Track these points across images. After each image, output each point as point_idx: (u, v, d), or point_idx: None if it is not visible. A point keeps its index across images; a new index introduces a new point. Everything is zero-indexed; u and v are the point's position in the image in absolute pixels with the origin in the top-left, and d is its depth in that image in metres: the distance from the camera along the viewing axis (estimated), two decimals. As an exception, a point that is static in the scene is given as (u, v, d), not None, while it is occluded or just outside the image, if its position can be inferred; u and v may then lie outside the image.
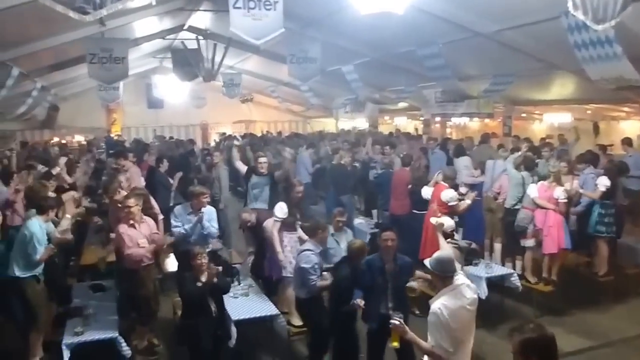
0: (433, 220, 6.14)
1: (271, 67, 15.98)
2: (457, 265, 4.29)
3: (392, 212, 9.34)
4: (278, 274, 6.91)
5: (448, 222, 6.07)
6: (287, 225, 7.00)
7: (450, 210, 7.42)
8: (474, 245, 7.85)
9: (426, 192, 8.09)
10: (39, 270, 5.80)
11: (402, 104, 16.61)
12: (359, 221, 10.13)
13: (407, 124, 20.59)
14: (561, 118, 13.70)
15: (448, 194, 7.52)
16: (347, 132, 19.38)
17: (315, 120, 24.04)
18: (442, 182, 7.81)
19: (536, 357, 2.81)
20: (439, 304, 3.85)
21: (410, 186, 8.95)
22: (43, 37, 9.99)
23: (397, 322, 4.04)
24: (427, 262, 4.10)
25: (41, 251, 5.71)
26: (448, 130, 17.83)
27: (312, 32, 10.98)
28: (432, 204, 7.83)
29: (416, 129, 19.20)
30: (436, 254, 4.16)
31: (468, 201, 7.66)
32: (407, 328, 4.05)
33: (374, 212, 11.29)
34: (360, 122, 20.69)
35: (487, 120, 14.87)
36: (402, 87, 13.23)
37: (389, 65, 12.02)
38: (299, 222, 7.08)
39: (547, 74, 10.25)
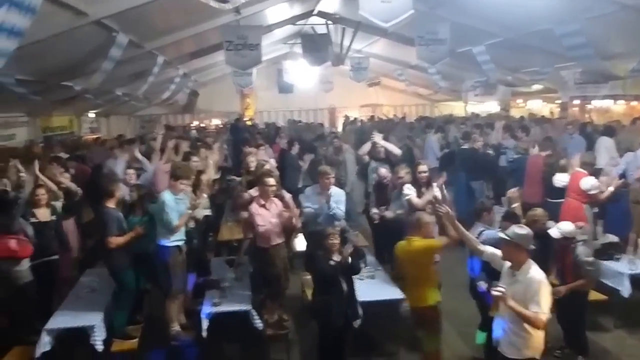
0: None
1: (399, 50, 15.79)
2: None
3: (525, 200, 8.90)
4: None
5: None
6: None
7: (589, 200, 6.93)
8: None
9: (560, 179, 7.61)
10: (181, 239, 6.22)
11: (536, 86, 15.65)
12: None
13: (541, 108, 19.40)
14: None
15: (588, 182, 7.03)
16: (477, 116, 18.71)
17: (443, 103, 23.44)
18: (581, 169, 7.30)
19: None
20: (538, 274, 4.07)
21: (543, 173, 8.48)
22: (184, 27, 10.67)
23: (499, 293, 4.06)
24: (508, 232, 4.20)
25: (176, 218, 6.06)
26: (587, 115, 16.58)
27: (442, 13, 10.68)
28: (570, 192, 7.36)
29: (552, 113, 18.06)
30: (517, 227, 4.27)
31: (611, 188, 7.09)
32: (507, 297, 4.08)
33: (504, 199, 10.83)
34: (491, 106, 19.86)
35: (634, 103, 13.61)
36: (537, 68, 12.48)
37: (523, 45, 11.37)
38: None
39: None
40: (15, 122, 12.44)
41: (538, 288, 4.01)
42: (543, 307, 3.99)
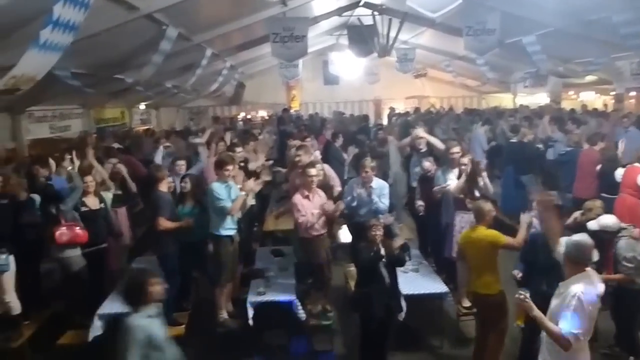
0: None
1: (446, 41, 15.53)
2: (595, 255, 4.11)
3: (576, 195, 8.66)
4: (449, 253, 6.84)
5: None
6: (458, 203, 6.85)
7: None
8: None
9: (620, 174, 7.38)
10: (233, 229, 6.33)
11: (589, 78, 15.12)
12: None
13: (594, 100, 18.77)
14: None
15: (645, 178, 6.78)
16: (526, 108, 18.24)
17: (490, 95, 22.95)
18: (637, 164, 7.05)
19: None
20: (578, 288, 3.70)
21: (599, 167, 8.22)
22: (232, 19, 10.80)
23: (521, 298, 3.92)
24: (562, 244, 3.99)
25: (229, 204, 6.15)
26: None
27: (491, 2, 10.43)
28: (624, 188, 7.12)
29: (605, 105, 17.44)
30: (576, 238, 3.97)
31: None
32: (533, 305, 3.91)
33: (554, 193, 10.56)
34: (541, 98, 19.32)
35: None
36: (591, 58, 12.05)
37: (576, 35, 10.99)
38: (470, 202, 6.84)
39: None
40: (70, 113, 12.89)
41: (571, 303, 3.67)
42: (571, 326, 3.66)
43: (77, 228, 6.28)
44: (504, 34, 11.05)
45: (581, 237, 4.01)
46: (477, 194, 6.75)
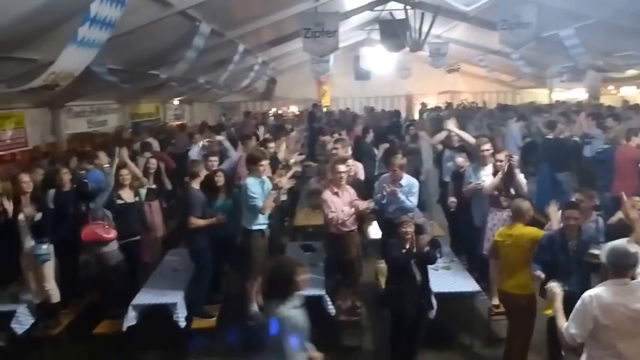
0: None
1: (480, 35, 15.30)
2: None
3: (615, 194, 8.44)
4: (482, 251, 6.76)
5: None
6: (492, 200, 6.76)
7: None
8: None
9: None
10: (264, 224, 6.35)
11: (630, 72, 14.72)
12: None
13: (636, 95, 18.27)
14: None
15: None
16: (563, 104, 17.87)
17: (525, 90, 22.55)
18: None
19: None
20: (594, 291, 3.59)
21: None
22: (264, 15, 10.87)
23: (552, 288, 3.91)
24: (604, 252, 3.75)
25: (261, 200, 6.15)
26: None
27: (527, -6, 10.27)
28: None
29: (647, 100, 16.97)
30: (614, 243, 3.84)
31: None
32: (558, 297, 3.89)
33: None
34: (578, 93, 18.89)
35: None
36: (633, 51, 11.72)
37: (617, 27, 10.66)
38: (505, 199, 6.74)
39: None
40: (107, 109, 13.18)
41: (578, 302, 3.62)
42: (569, 325, 3.62)
43: (106, 226, 6.39)
44: (540, 27, 10.82)
45: (618, 242, 3.89)
46: (512, 191, 6.65)
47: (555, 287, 3.95)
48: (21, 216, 5.94)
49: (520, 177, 6.66)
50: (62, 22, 5.91)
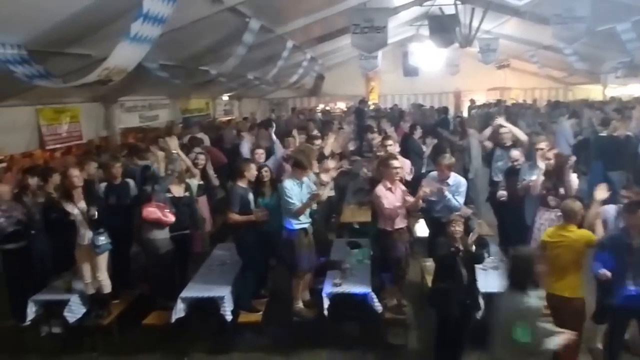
0: None
1: (531, 30, 14.90)
2: None
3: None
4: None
5: None
6: (542, 199, 6.56)
7: None
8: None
9: None
10: (306, 223, 6.32)
11: (692, 67, 14.06)
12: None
13: (698, 91, 17.45)
14: None
15: None
16: (619, 100, 17.21)
17: (578, 87, 21.83)
18: None
19: None
20: None
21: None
22: (313, 11, 10.87)
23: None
24: None
25: (297, 204, 6.09)
26: None
27: (582, -12, 9.92)
28: None
29: None
30: None
31: None
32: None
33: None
34: (634, 89, 18.15)
35: None
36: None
37: (680, 20, 10.22)
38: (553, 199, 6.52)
39: None
40: (158, 104, 13.45)
41: None
42: None
43: (166, 210, 6.54)
44: (595, 21, 10.45)
45: None
46: (561, 191, 6.44)
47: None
48: (75, 210, 6.12)
49: (572, 178, 6.42)
50: (116, 19, 6.05)
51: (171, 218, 6.55)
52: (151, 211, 6.41)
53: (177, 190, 7.07)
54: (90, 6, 5.50)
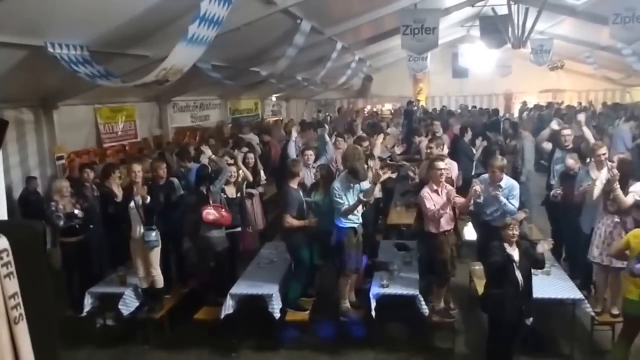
0: None
1: (587, 30, 14.50)
2: None
3: None
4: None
5: None
6: (603, 204, 6.35)
7: None
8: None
9: None
10: (356, 222, 6.31)
11: None
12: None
13: None
14: None
15: None
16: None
17: (636, 88, 21.07)
18: None
19: None
20: None
21: None
22: (363, 13, 10.88)
23: None
24: None
25: (345, 204, 6.09)
26: None
27: (644, -14, 9.59)
28: None
29: None
30: None
31: None
32: None
33: None
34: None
35: None
36: None
37: None
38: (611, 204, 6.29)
39: None
40: (209, 104, 13.76)
41: None
42: None
43: (223, 210, 6.68)
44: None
45: None
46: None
47: None
48: (132, 203, 6.33)
49: (619, 194, 6.08)
50: (173, 21, 6.24)
51: (228, 218, 6.69)
52: (209, 212, 6.56)
53: (230, 192, 7.21)
54: (149, 9, 5.69)
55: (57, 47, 5.58)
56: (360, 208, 6.33)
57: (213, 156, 7.38)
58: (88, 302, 6.53)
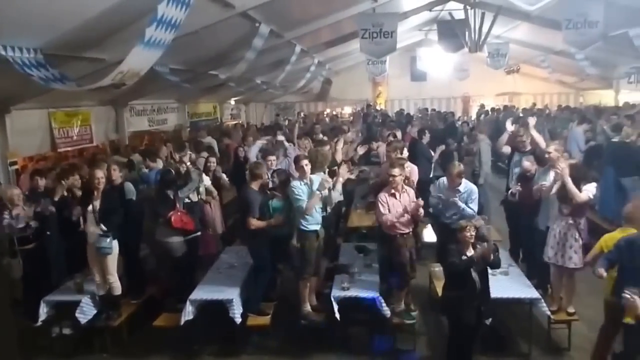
0: None
1: (542, 35, 14.84)
2: None
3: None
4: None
5: None
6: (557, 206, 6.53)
7: None
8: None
9: None
10: (318, 224, 6.33)
11: None
12: None
13: None
14: None
15: None
16: (632, 106, 17.10)
17: (589, 92, 21.75)
18: None
19: None
20: None
21: None
22: (322, 16, 10.88)
23: (628, 297, 3.81)
24: None
25: (305, 202, 6.13)
26: None
27: (594, -8, 9.89)
28: None
29: None
30: None
31: None
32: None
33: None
34: (647, 94, 18.06)
35: None
36: None
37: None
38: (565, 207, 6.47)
39: None
40: (167, 108, 13.57)
41: None
42: None
43: (187, 216, 6.61)
44: (608, 26, 10.41)
45: None
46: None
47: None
48: (90, 207, 6.18)
49: (570, 187, 6.25)
50: (130, 24, 6.11)
51: (192, 224, 6.63)
52: (178, 218, 6.50)
53: (192, 196, 7.11)
54: (106, 11, 5.57)
55: (10, 49, 5.39)
56: (320, 210, 6.35)
57: (189, 164, 7.31)
58: (43, 311, 6.34)
